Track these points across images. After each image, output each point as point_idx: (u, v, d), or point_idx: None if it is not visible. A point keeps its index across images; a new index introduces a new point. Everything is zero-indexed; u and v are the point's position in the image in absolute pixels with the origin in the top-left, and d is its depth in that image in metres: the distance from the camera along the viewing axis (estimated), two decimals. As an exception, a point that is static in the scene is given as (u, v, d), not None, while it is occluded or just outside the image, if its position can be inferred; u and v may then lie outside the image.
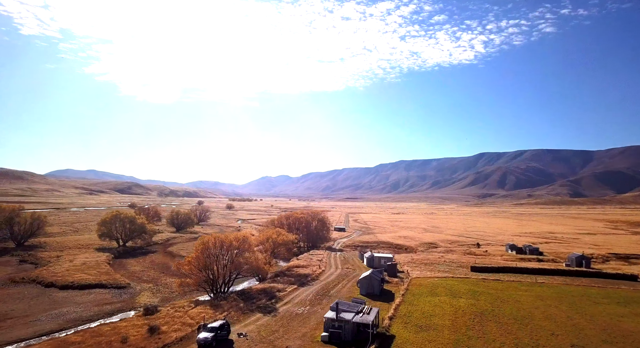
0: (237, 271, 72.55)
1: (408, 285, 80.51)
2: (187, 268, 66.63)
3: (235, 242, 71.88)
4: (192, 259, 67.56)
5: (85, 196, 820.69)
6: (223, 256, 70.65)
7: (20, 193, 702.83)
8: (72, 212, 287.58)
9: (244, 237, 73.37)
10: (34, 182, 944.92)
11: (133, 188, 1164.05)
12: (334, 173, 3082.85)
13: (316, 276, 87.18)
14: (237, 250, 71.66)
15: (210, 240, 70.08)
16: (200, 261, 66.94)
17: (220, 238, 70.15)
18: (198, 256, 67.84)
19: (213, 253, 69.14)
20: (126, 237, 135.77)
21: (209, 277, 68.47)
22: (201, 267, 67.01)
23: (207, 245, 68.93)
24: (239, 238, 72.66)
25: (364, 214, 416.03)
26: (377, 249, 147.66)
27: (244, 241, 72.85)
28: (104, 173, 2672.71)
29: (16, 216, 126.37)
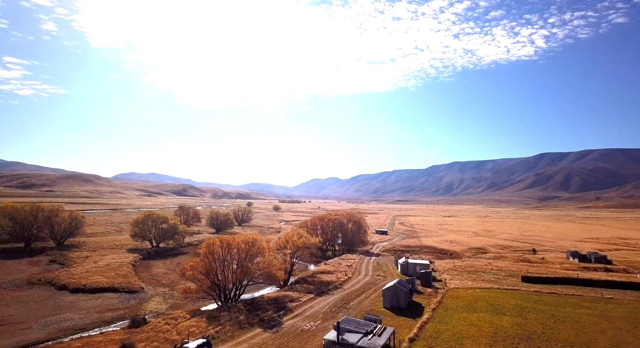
0: (248, 277, 65.90)
1: (442, 297, 70.09)
2: (190, 273, 61.00)
3: (244, 245, 65.34)
4: (195, 263, 61.83)
5: (144, 197, 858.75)
6: (230, 261, 64.39)
7: (87, 194, 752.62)
8: (126, 213, 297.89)
9: (254, 240, 66.67)
10: (100, 184, 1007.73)
11: (189, 190, 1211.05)
12: (383, 175, 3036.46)
13: (340, 284, 78.82)
14: (246, 253, 65.07)
15: (216, 243, 64.08)
16: (204, 265, 61.10)
17: (226, 241, 63.88)
18: (202, 260, 62.08)
19: (219, 257, 63.04)
20: (159, 238, 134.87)
21: (214, 283, 62.48)
22: (205, 272, 61.12)
23: (212, 248, 62.95)
24: (247, 240, 65.97)
25: (412, 217, 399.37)
26: (418, 254, 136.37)
27: (253, 245, 66.13)
28: (164, 176, 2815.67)
29: (55, 216, 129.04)
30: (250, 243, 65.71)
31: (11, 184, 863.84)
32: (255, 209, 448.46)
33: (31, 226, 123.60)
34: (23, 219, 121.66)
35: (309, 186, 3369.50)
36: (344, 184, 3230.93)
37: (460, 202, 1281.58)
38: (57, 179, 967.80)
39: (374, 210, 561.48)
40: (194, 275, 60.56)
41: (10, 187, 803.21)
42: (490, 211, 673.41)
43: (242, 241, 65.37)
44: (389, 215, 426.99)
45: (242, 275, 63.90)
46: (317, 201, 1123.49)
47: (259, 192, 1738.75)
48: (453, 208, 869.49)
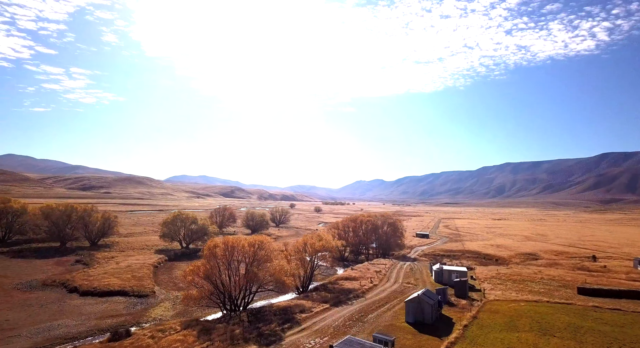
0: (255, 284, 59.80)
1: (478, 310, 60.54)
2: (190, 278, 55.80)
3: (250, 247, 59.46)
4: (195, 267, 56.58)
5: (193, 199, 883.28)
6: (237, 265, 58.66)
7: (140, 196, 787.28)
8: (170, 214, 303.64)
9: (260, 242, 60.42)
10: (152, 187, 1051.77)
11: (236, 192, 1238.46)
12: (430, 177, 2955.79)
13: (362, 293, 71.02)
14: (253, 257, 59.03)
15: (219, 244, 58.65)
16: (205, 269, 55.79)
17: (230, 243, 58.22)
18: (204, 263, 56.79)
19: (222, 260, 57.54)
20: (188, 239, 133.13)
21: (217, 290, 57.01)
22: (206, 277, 55.71)
23: (214, 250, 57.55)
24: (253, 242, 59.85)
25: (459, 220, 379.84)
26: (459, 259, 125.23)
27: (260, 248, 59.99)
28: (213, 178, 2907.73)
29: (88, 216, 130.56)
30: (256, 246, 59.57)
31: (73, 186, 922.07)
32: (297, 211, 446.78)
33: (65, 226, 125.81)
34: (57, 219, 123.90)
35: (353, 188, 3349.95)
36: (389, 186, 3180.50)
37: (512, 205, 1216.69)
38: (113, 181, 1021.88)
39: (420, 213, 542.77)
40: (194, 279, 55.34)
41: (72, 189, 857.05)
42: (545, 214, 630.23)
43: (248, 244, 59.42)
44: (434, 218, 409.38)
45: (248, 281, 57.96)
46: (361, 204, 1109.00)
47: (304, 194, 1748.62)
48: (504, 211, 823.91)
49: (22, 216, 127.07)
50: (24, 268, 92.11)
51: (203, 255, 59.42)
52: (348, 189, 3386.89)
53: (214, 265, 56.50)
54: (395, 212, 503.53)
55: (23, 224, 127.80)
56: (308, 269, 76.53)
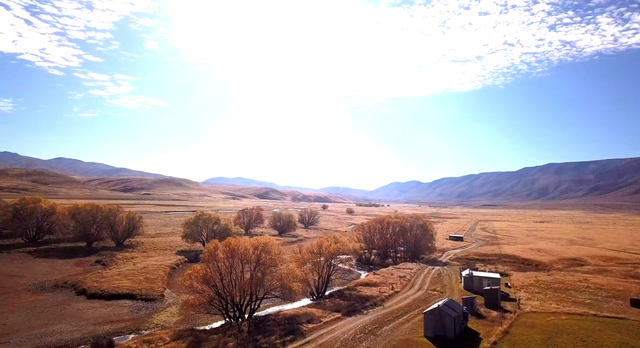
0: (260, 289, 55.15)
1: (511, 324, 53.25)
2: (188, 282, 51.80)
3: (254, 250, 54.95)
4: (194, 271, 52.51)
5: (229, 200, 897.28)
6: (241, 269, 54.19)
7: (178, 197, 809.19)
8: (193, 214, 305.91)
9: (264, 244, 55.59)
10: (190, 188, 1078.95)
11: (270, 193, 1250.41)
12: (469, 178, 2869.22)
13: (381, 300, 64.99)
14: (256, 261, 54.36)
15: (219, 247, 54.47)
16: (206, 274, 51.68)
17: (232, 245, 53.94)
18: (203, 267, 52.61)
19: (224, 264, 53.27)
20: (209, 239, 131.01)
21: (219, 296, 52.77)
22: (204, 282, 51.47)
23: (215, 253, 53.36)
24: (257, 245, 54.99)
25: (497, 222, 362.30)
26: (495, 264, 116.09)
27: (265, 250, 55.22)
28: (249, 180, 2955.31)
29: (113, 216, 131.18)
30: (260, 249, 54.91)
31: (116, 188, 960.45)
32: (328, 212, 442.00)
33: (90, 226, 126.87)
34: (83, 219, 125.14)
35: (388, 190, 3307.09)
36: (425, 187, 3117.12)
37: (556, 207, 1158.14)
38: (153, 183, 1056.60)
39: (456, 215, 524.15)
40: (192, 284, 51.34)
41: (115, 190, 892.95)
42: (593, 217, 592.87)
43: (252, 246, 54.79)
44: (471, 220, 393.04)
45: (250, 287, 53.40)
46: (396, 205, 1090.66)
47: (337, 195, 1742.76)
48: (547, 213, 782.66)
49: (51, 216, 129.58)
50: (43, 268, 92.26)
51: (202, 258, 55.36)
52: (383, 190, 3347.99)
53: (215, 269, 52.29)
54: (431, 214, 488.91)
55: (51, 224, 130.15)
56: (324, 274, 71.38)
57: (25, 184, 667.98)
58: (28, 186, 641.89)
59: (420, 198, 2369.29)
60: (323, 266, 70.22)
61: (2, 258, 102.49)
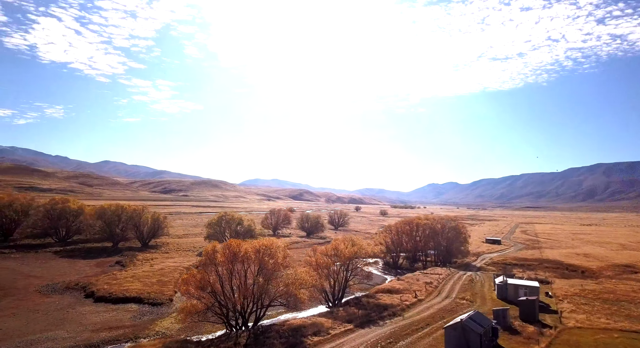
0: (266, 296, 50.30)
1: (550, 342, 45.94)
2: (184, 288, 47.74)
3: (255, 253, 50.34)
4: (190, 275, 48.28)
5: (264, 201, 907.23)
6: (241, 274, 49.74)
7: (215, 198, 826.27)
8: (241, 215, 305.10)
9: (266, 247, 50.70)
10: (227, 190, 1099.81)
11: (304, 195, 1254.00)
12: (510, 179, 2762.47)
13: (401, 310, 58.77)
14: (259, 265, 49.57)
15: (218, 249, 49.76)
16: (202, 278, 47.54)
17: (232, 247, 49.70)
18: (200, 271, 48.27)
19: (222, 268, 48.91)
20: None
21: (219, 303, 48.60)
22: (199, 287, 47.16)
23: (213, 256, 49.13)
24: (258, 248, 49.24)
25: (539, 225, 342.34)
26: (535, 270, 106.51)
27: (268, 254, 50.27)
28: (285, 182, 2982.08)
29: (138, 217, 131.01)
30: (262, 251, 50.10)
31: (156, 190, 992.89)
32: (361, 214, 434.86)
33: (116, 226, 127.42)
34: (108, 219, 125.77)
35: (425, 192, 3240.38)
36: (463, 189, 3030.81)
37: (605, 209, 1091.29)
38: (191, 185, 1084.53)
39: (495, 217, 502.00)
40: (188, 289, 47.34)
41: (155, 192, 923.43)
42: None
43: (253, 249, 50.21)
44: (510, 222, 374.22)
45: (252, 294, 48.77)
46: (433, 207, 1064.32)
47: (372, 197, 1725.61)
48: (595, 216, 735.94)
49: (79, 217, 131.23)
50: (63, 268, 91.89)
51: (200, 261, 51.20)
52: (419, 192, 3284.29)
53: (213, 273, 48.05)
54: (468, 216, 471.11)
55: (79, 224, 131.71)
56: (341, 279, 65.98)
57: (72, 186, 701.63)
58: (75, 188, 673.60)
59: (458, 200, 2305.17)
60: (338, 271, 64.81)
61: (28, 257, 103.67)
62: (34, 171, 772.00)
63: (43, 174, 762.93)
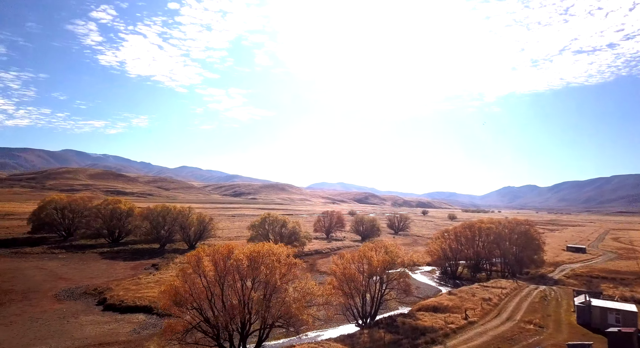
0: (269, 315, 41.12)
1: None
2: (164, 302, 39.39)
3: (246, 260, 40.91)
4: (170, 287, 39.62)
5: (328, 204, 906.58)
6: (236, 286, 41.00)
7: (281, 201, 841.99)
8: (297, 217, 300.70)
9: (258, 253, 41.20)
10: (293, 193, 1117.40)
11: (370, 198, 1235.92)
12: (598, 182, 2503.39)
13: (444, 336, 46.35)
14: (252, 277, 40.54)
15: (203, 256, 40.55)
16: (185, 291, 38.72)
17: (221, 253, 40.42)
18: (182, 283, 40.08)
19: (207, 280, 40.42)
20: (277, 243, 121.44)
21: (208, 322, 39.84)
22: (177, 302, 38.32)
23: (198, 264, 40.11)
24: (250, 255, 40.31)
25: (636, 232, 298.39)
26: (631, 286, 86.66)
27: (262, 262, 40.73)
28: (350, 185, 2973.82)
29: (184, 218, 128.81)
30: (258, 260, 40.69)
31: (227, 193, 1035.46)
32: (427, 218, 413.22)
33: (161, 228, 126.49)
34: (154, 220, 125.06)
35: (499, 195, 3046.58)
36: (543, 192, 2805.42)
37: None
38: (259, 188, 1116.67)
39: (580, 222, 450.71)
40: (166, 304, 39.58)
41: (226, 195, 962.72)
42: None
43: (247, 256, 41.05)
44: (599, 228, 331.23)
45: (244, 313, 39.65)
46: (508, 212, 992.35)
47: (442, 201, 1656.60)
48: None
49: (129, 218, 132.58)
50: (98, 270, 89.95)
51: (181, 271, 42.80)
52: (493, 196, 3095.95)
53: (197, 284, 39.67)
54: (548, 221, 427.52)
55: (127, 225, 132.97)
56: (375, 293, 55.02)
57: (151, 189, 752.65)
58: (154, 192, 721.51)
59: (538, 204, 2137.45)
60: (367, 283, 53.87)
61: (74, 258, 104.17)
62: (119, 176, 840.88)
63: (127, 179, 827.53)
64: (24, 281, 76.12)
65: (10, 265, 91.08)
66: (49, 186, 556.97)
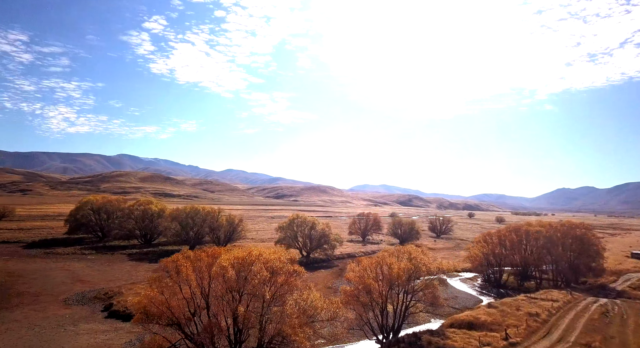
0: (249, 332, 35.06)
1: None
2: (139, 317, 33.98)
3: (231, 268, 34.19)
4: (145, 298, 34.18)
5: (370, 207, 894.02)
6: (217, 300, 35.13)
7: (322, 203, 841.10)
8: (335, 219, 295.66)
9: (247, 260, 34.64)
10: (334, 195, 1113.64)
11: (413, 201, 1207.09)
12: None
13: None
14: (238, 288, 34.78)
15: (183, 263, 34.93)
16: (160, 305, 33.25)
17: (203, 259, 34.67)
18: (156, 294, 34.09)
19: (191, 291, 34.92)
20: (306, 247, 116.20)
21: (189, 339, 34.33)
22: (158, 316, 33.30)
23: (177, 271, 34.37)
24: (235, 262, 34.31)
25: None
26: None
27: (250, 271, 34.37)
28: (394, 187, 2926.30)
29: (213, 219, 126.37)
30: (240, 268, 34.51)
31: (270, 195, 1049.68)
32: (473, 221, 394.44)
33: (190, 229, 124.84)
34: (182, 221, 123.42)
35: (553, 197, 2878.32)
36: (602, 195, 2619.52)
37: None
38: (301, 190, 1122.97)
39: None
40: (139, 319, 34.73)
41: (268, 197, 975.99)
42: None
43: (232, 263, 34.06)
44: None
45: (236, 331, 33.79)
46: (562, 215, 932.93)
47: (490, 203, 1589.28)
48: None
49: (159, 219, 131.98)
50: (119, 272, 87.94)
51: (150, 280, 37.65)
52: (546, 198, 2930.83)
53: (177, 296, 34.42)
54: (608, 225, 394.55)
55: (157, 226, 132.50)
56: (398, 305, 47.93)
57: (197, 192, 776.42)
58: (200, 194, 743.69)
59: (597, 206, 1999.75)
60: (386, 294, 46.72)
61: (101, 260, 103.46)
62: (167, 179, 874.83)
63: (175, 182, 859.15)
64: (43, 283, 75.14)
65: (37, 265, 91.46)
66: (103, 189, 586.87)
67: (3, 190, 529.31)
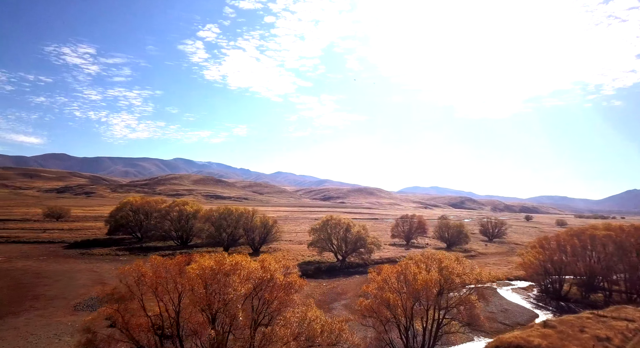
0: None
1: None
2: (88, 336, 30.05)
3: (211, 281, 28.17)
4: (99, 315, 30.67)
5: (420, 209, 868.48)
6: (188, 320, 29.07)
7: (369, 205, 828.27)
8: (381, 222, 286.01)
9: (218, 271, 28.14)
10: (381, 197, 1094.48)
11: (466, 203, 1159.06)
12: None
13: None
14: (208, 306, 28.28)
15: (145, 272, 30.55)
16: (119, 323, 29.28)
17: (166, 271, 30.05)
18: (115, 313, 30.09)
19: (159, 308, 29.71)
20: (341, 250, 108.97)
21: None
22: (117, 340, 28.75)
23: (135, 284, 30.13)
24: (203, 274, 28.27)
25: None
26: None
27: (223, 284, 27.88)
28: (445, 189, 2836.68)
29: (247, 220, 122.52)
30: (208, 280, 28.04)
31: (317, 197, 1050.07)
32: (530, 224, 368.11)
33: (223, 230, 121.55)
34: (215, 222, 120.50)
35: (623, 200, 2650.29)
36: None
37: None
38: (348, 192, 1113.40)
39: None
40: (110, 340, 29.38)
41: (315, 199, 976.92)
42: None
43: (197, 276, 28.98)
44: None
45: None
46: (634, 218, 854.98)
47: (551, 205, 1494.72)
48: None
49: (193, 220, 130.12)
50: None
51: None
52: (615, 200, 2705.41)
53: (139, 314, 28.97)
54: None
55: (192, 227, 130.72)
56: (427, 324, 39.83)
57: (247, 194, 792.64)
58: (249, 196, 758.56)
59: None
60: (410, 310, 38.63)
61: (131, 261, 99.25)
62: (218, 182, 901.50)
63: (225, 185, 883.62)
64: (64, 285, 73.53)
65: (68, 266, 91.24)
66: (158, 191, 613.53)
67: (70, 192, 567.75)
